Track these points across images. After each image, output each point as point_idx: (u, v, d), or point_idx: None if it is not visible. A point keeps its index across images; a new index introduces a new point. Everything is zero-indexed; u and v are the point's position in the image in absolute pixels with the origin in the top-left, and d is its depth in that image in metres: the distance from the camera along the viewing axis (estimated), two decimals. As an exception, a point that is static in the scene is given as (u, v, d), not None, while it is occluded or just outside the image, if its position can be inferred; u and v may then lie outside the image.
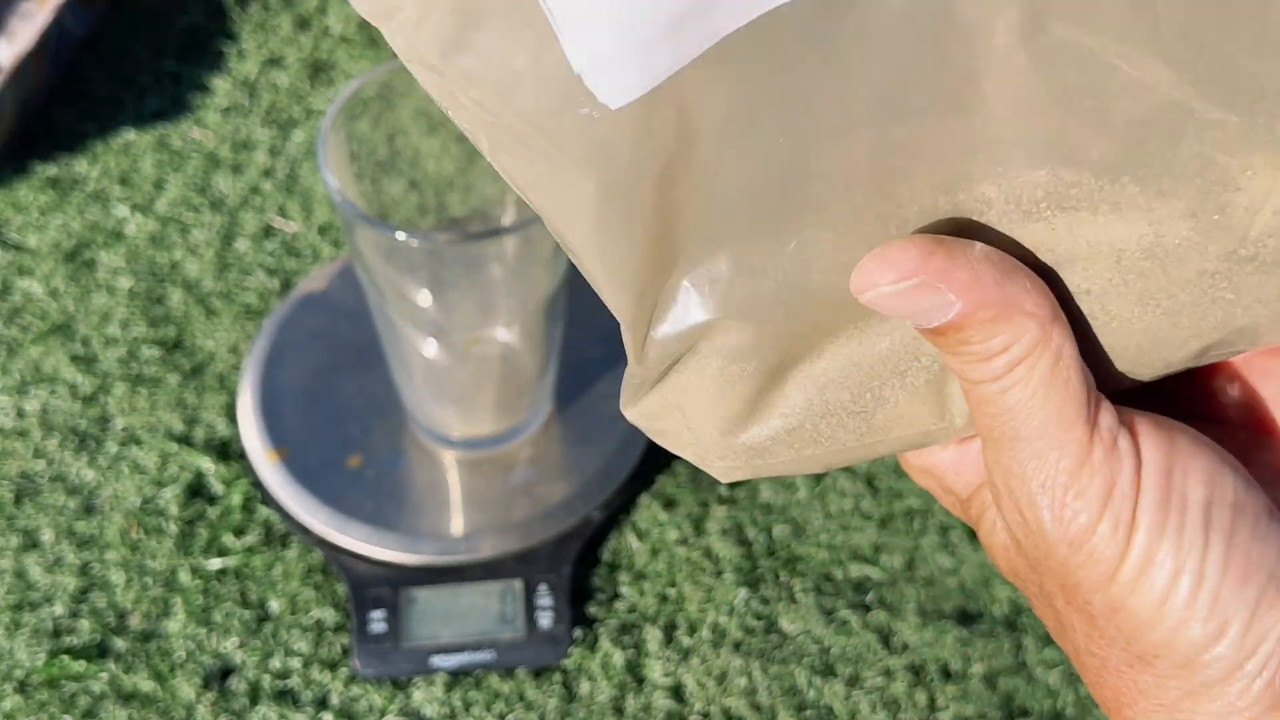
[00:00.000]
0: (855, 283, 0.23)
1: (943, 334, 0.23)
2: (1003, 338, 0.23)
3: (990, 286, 0.23)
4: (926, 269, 0.22)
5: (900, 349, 0.25)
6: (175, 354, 0.64)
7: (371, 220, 0.46)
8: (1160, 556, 0.23)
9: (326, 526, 0.57)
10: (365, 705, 0.55)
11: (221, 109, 0.74)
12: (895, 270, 0.23)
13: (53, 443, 0.62)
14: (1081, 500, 0.23)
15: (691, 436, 0.27)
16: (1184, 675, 0.23)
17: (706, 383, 0.26)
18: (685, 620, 0.58)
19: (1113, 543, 0.23)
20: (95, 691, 0.55)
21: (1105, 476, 0.23)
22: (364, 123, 0.50)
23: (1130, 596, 0.23)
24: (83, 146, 0.72)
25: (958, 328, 0.23)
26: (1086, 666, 0.25)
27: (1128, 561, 0.23)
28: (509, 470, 0.60)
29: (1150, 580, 0.23)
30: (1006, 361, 0.23)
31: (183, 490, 0.60)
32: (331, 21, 0.77)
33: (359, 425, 0.61)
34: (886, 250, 0.23)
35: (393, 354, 0.56)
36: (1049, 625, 0.26)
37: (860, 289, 0.23)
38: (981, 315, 0.23)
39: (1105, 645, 0.24)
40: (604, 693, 0.56)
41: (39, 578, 0.58)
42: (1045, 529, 0.24)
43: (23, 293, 0.66)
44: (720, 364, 0.25)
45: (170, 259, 0.68)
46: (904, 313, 0.23)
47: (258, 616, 0.57)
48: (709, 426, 0.26)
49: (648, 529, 0.60)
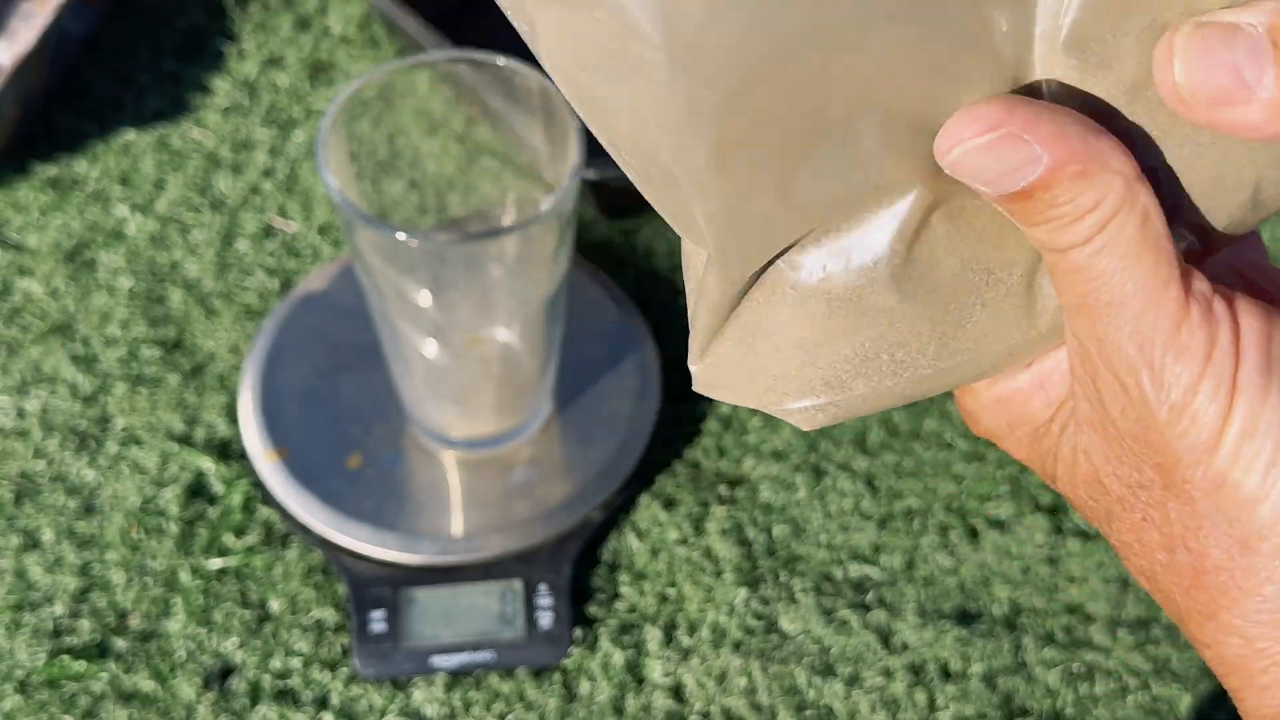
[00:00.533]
0: (940, 143, 0.23)
1: (1029, 196, 0.23)
2: (1092, 194, 0.22)
3: (1076, 140, 0.22)
4: (1012, 119, 0.22)
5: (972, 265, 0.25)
6: (175, 354, 0.65)
7: (371, 220, 0.46)
8: (1264, 423, 0.22)
9: (327, 526, 0.57)
10: (365, 705, 0.55)
11: (222, 109, 0.74)
12: (980, 122, 0.22)
13: (53, 443, 0.62)
14: (1182, 361, 0.22)
15: (768, 377, 0.26)
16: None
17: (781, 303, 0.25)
18: (685, 620, 0.58)
19: (1214, 406, 0.22)
20: (95, 691, 0.55)
21: (1205, 336, 0.22)
22: (364, 123, 0.50)
23: (1234, 468, 0.22)
24: (83, 146, 0.72)
25: (1045, 185, 0.22)
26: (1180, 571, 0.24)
27: (1231, 427, 0.22)
28: (509, 470, 0.60)
29: (1255, 448, 0.22)
30: (1097, 219, 0.22)
31: (183, 490, 0.60)
32: (332, 22, 0.77)
33: (359, 425, 0.61)
34: (971, 108, 0.22)
35: (393, 354, 0.56)
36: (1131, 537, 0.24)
37: (945, 148, 0.23)
38: (1071, 169, 0.22)
39: (1206, 534, 0.23)
40: (604, 693, 0.56)
41: (39, 578, 0.58)
42: (1146, 394, 0.23)
43: (23, 293, 0.66)
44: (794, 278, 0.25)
45: (170, 259, 0.68)
46: (991, 171, 0.22)
47: (258, 616, 0.57)
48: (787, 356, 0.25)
49: (648, 529, 0.60)
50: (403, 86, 0.50)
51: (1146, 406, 0.23)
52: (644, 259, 0.68)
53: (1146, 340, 0.23)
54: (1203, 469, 0.22)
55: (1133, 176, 0.22)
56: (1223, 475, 0.22)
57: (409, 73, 0.50)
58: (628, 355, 0.63)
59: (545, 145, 0.51)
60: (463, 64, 0.50)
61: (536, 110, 0.50)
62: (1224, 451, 0.22)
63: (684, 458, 0.62)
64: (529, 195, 0.55)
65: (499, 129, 0.54)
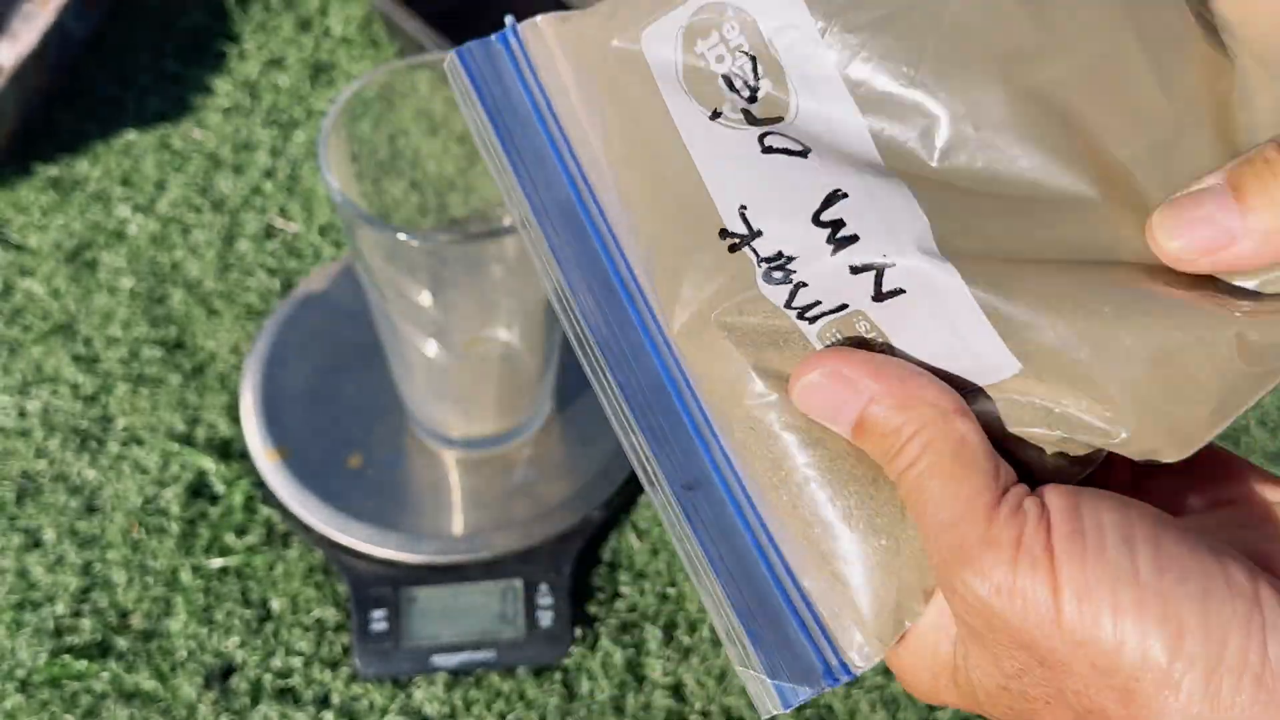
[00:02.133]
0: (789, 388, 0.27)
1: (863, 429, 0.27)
2: (910, 424, 0.26)
3: (893, 378, 0.26)
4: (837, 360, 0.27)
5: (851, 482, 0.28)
6: (177, 354, 0.65)
7: (372, 220, 0.46)
8: (1092, 578, 0.24)
9: (327, 526, 0.58)
10: (366, 704, 0.56)
11: (223, 110, 0.74)
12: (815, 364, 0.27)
13: (54, 442, 0.62)
14: (995, 551, 0.24)
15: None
16: (1171, 694, 0.23)
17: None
18: (685, 619, 0.58)
19: (1037, 580, 0.24)
20: (97, 691, 0.56)
21: (1013, 528, 0.25)
22: (365, 123, 0.50)
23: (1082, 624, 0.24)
24: (84, 147, 0.72)
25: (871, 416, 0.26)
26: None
27: (1064, 592, 0.24)
28: (509, 470, 0.60)
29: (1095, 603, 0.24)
30: (919, 444, 0.26)
31: (184, 490, 0.60)
32: (333, 22, 0.77)
33: (360, 425, 0.61)
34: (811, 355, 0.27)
35: (393, 354, 0.56)
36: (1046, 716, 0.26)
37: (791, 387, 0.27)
38: (889, 401, 0.26)
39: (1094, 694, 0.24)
40: (604, 691, 0.56)
41: (41, 577, 0.58)
42: (979, 594, 0.25)
43: (24, 293, 0.67)
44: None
45: (172, 259, 0.68)
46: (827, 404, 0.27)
47: (259, 616, 0.58)
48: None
49: (648, 528, 0.60)
50: (403, 87, 0.50)
51: (984, 607, 0.25)
52: (644, 259, 0.68)
53: (964, 542, 0.25)
54: (1058, 637, 0.24)
55: (949, 409, 0.26)
56: (1078, 637, 0.24)
57: (410, 73, 0.50)
58: (628, 355, 0.63)
59: (545, 145, 0.51)
60: (463, 64, 0.50)
61: (537, 111, 0.50)
62: (1067, 615, 0.24)
63: (684, 457, 0.62)
64: (529, 195, 0.55)
65: (499, 129, 0.54)
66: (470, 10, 0.76)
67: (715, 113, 0.28)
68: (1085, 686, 0.24)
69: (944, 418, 0.26)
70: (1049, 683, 0.25)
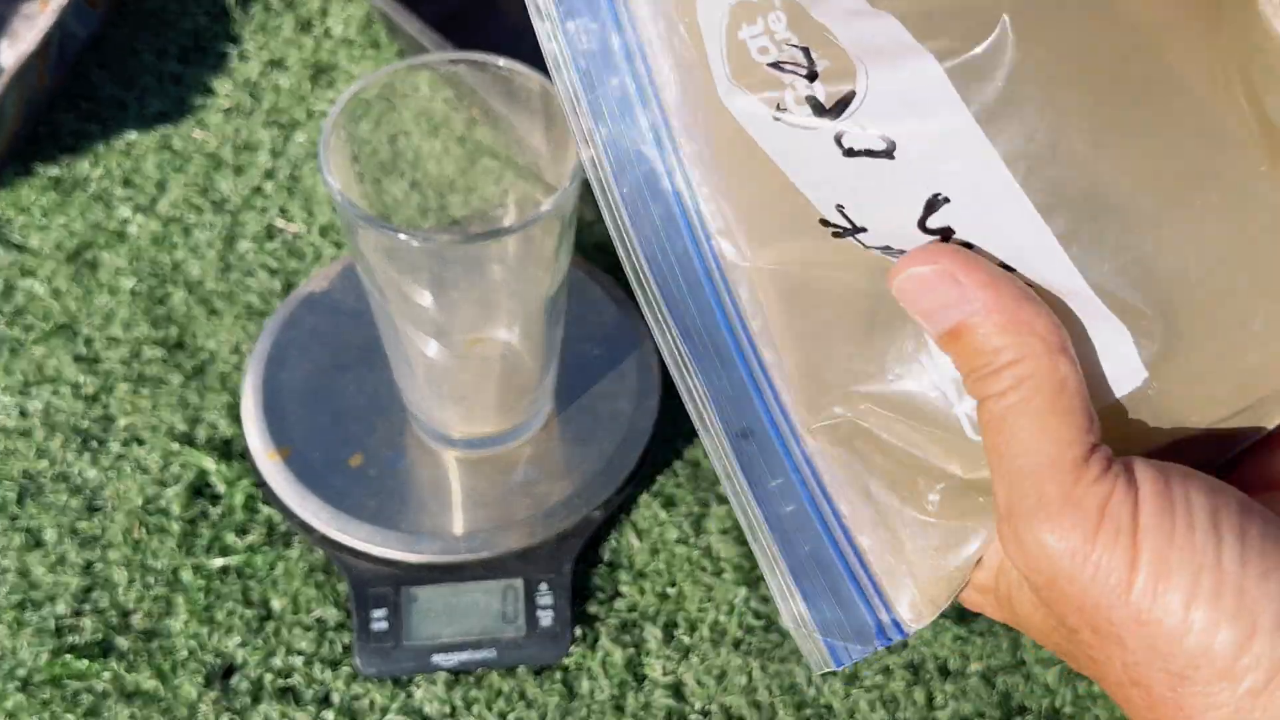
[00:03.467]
0: (892, 271, 0.25)
1: (959, 337, 0.24)
2: (1011, 351, 0.24)
3: (1006, 295, 0.24)
4: (953, 261, 0.24)
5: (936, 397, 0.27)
6: (178, 354, 0.65)
7: (373, 221, 0.46)
8: (1175, 560, 0.23)
9: (328, 525, 0.58)
10: (367, 703, 0.56)
11: (224, 110, 0.74)
12: (925, 256, 0.24)
13: (56, 442, 0.62)
14: (1077, 513, 0.23)
15: None
16: (1228, 685, 0.23)
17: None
18: (685, 619, 0.58)
19: (1117, 550, 0.23)
20: (98, 690, 0.56)
21: (1099, 493, 0.24)
22: (366, 124, 0.50)
23: (1153, 605, 0.23)
24: (85, 148, 0.72)
25: (970, 328, 0.24)
26: (1135, 704, 0.25)
27: (1140, 569, 0.23)
28: (510, 470, 0.60)
29: (1171, 585, 0.23)
30: (1014, 376, 0.24)
31: (185, 490, 0.61)
32: (333, 23, 0.77)
33: (361, 425, 0.61)
34: (925, 246, 0.25)
35: (394, 354, 0.56)
36: (1092, 674, 0.26)
37: (894, 275, 0.25)
38: (995, 318, 0.24)
39: (1145, 669, 0.24)
40: (604, 691, 0.56)
41: (42, 577, 0.58)
42: (1051, 553, 0.24)
43: (25, 293, 0.67)
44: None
45: (173, 259, 0.68)
46: (926, 302, 0.25)
47: (260, 615, 0.58)
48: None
49: (648, 528, 0.60)
50: (404, 88, 0.50)
51: (1051, 562, 0.24)
52: (644, 259, 0.68)
53: (1044, 496, 0.24)
54: (1121, 609, 0.23)
55: (1056, 346, 0.24)
56: (1144, 613, 0.23)
57: (410, 74, 0.50)
58: (628, 355, 0.63)
59: (546, 146, 0.51)
60: (464, 65, 0.51)
61: (537, 111, 0.50)
62: (1138, 592, 0.23)
63: (684, 457, 0.62)
64: (530, 196, 0.55)
65: (500, 130, 0.54)
66: (472, 11, 0.76)
67: (778, 107, 0.25)
68: (1136, 657, 0.24)
69: (1049, 353, 0.24)
70: (1100, 648, 0.24)
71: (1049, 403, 0.24)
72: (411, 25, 0.69)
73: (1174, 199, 0.24)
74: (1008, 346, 0.24)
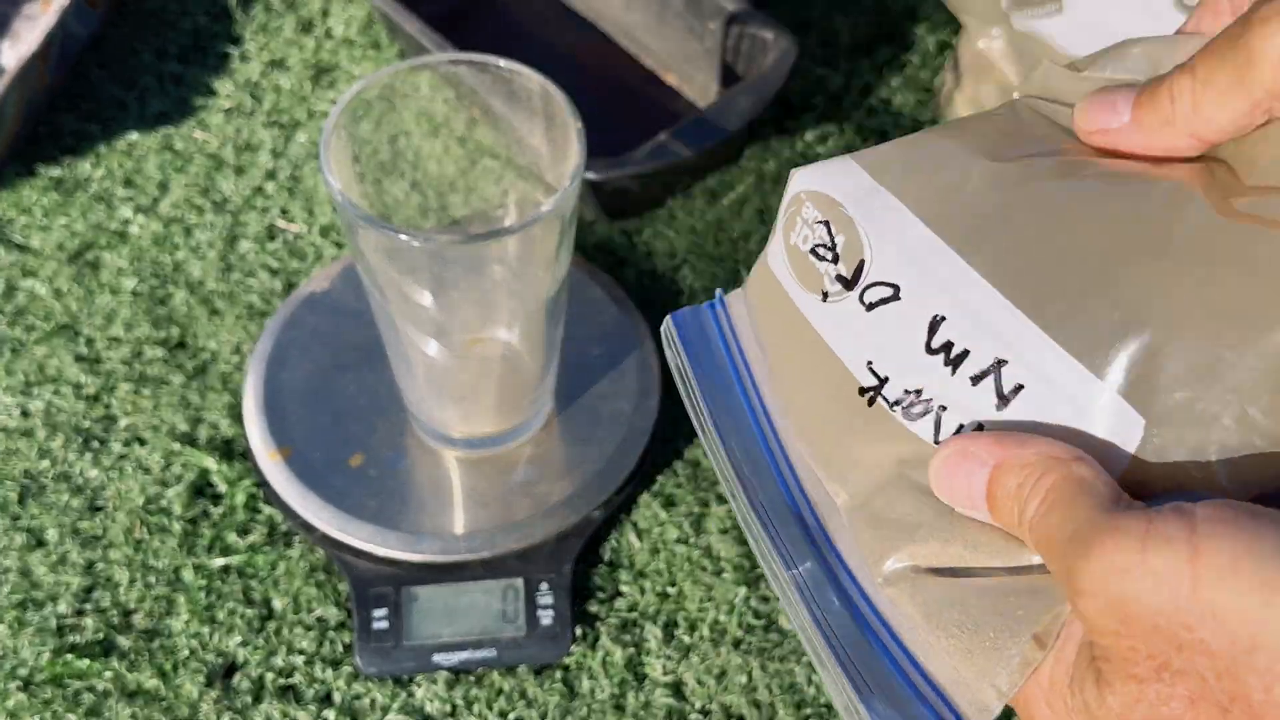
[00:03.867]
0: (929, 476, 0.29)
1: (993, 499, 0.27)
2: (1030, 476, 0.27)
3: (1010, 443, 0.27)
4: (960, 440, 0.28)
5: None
6: (179, 354, 0.65)
7: (373, 221, 0.46)
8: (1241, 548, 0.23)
9: (329, 525, 0.58)
10: (368, 703, 0.56)
11: (225, 111, 0.74)
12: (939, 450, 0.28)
13: (57, 442, 0.62)
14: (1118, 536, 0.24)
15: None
16: None
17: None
18: (685, 618, 0.58)
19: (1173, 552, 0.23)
20: (100, 689, 0.56)
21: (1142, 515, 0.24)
22: (366, 124, 0.50)
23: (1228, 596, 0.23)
24: (87, 148, 0.72)
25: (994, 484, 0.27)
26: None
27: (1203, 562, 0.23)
28: (510, 469, 0.60)
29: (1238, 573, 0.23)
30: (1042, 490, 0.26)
31: (186, 489, 0.61)
32: (334, 24, 0.78)
33: (361, 425, 0.61)
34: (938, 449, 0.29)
35: (395, 354, 0.56)
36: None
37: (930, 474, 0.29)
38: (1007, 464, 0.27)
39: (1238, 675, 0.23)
40: (604, 690, 0.56)
41: (44, 576, 0.59)
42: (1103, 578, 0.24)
43: (27, 293, 0.67)
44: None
45: (174, 260, 0.68)
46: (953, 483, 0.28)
47: (261, 615, 0.58)
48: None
49: (648, 528, 0.61)
50: (405, 88, 0.50)
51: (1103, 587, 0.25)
52: (644, 259, 0.69)
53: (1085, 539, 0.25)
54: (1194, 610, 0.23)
55: (1068, 458, 0.27)
56: (1216, 607, 0.23)
57: (411, 75, 0.50)
58: (628, 355, 0.63)
59: (546, 147, 0.51)
60: (464, 66, 0.51)
61: (537, 112, 0.50)
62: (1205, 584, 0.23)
63: (684, 457, 0.62)
64: (530, 196, 0.55)
65: (500, 130, 0.54)
66: (472, 11, 0.76)
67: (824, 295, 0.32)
68: (1227, 667, 0.23)
69: (1062, 464, 0.26)
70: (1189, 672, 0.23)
71: (1075, 490, 0.26)
72: (412, 25, 0.69)
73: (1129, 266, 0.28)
74: (1027, 477, 0.27)
